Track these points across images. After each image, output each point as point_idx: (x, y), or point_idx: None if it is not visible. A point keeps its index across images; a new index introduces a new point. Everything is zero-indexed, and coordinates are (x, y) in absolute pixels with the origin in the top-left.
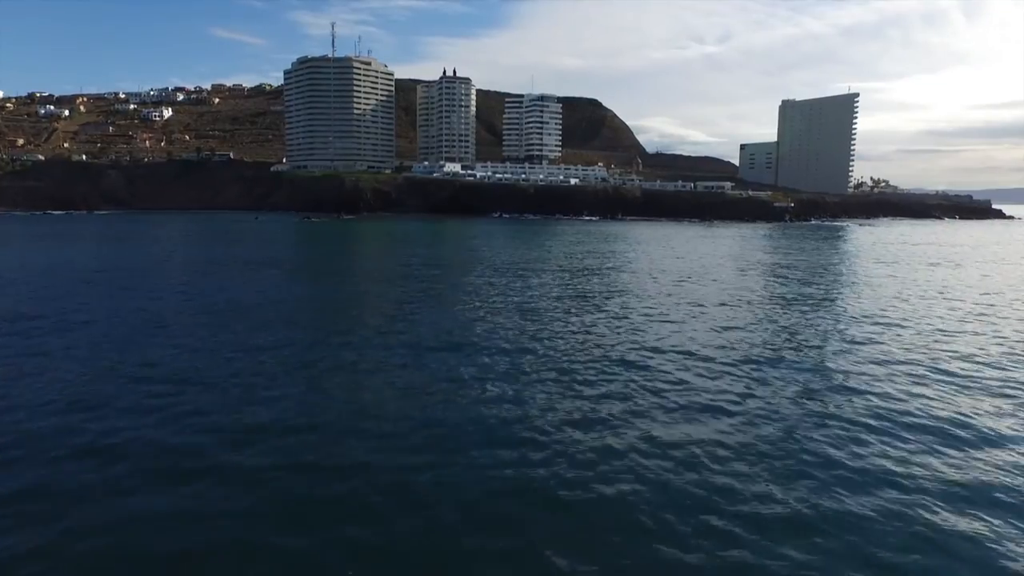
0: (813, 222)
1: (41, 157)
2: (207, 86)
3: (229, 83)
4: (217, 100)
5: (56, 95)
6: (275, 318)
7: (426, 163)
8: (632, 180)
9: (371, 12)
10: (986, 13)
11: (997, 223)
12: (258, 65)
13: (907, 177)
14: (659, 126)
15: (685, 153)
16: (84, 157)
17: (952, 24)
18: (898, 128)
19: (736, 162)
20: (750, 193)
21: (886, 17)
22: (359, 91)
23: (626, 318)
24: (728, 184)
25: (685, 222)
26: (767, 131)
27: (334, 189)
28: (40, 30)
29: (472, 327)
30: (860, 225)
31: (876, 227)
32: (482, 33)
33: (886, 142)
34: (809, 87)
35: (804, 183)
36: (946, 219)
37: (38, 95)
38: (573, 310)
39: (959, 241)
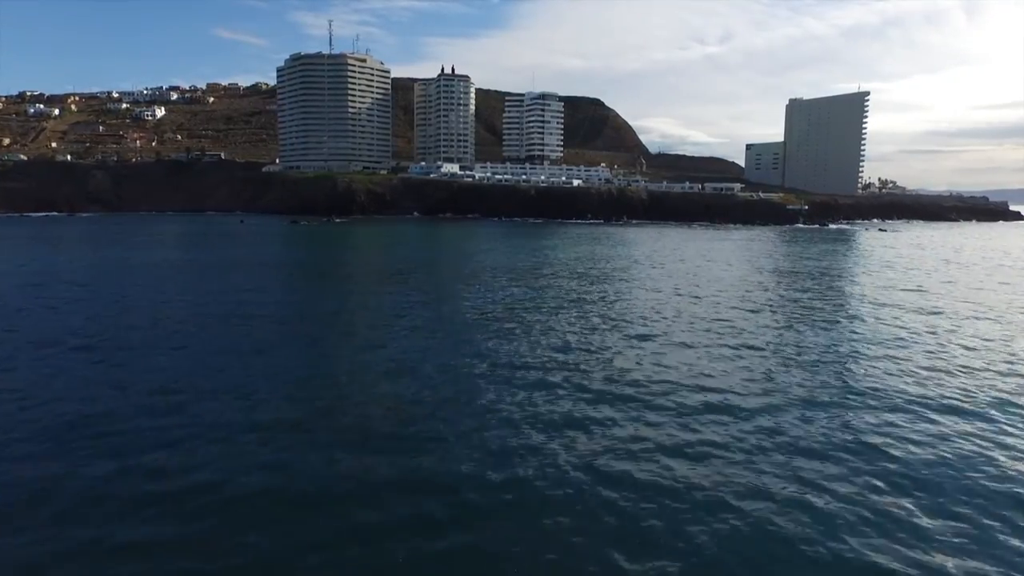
0: (832, 227)
1: (24, 157)
2: (202, 85)
3: (225, 82)
4: (212, 99)
5: (47, 94)
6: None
7: (423, 163)
8: (637, 181)
9: (372, 13)
10: (987, 13)
11: (1019, 225)
12: (260, 66)
13: (909, 178)
14: (660, 126)
15: (688, 153)
16: (69, 157)
17: (953, 24)
18: (900, 129)
19: (739, 162)
20: (761, 195)
21: (887, 18)
22: (354, 89)
23: (660, 353)
24: (738, 186)
25: (695, 225)
26: (769, 131)
27: (326, 191)
28: (43, 31)
29: (470, 362)
30: (880, 230)
31: (899, 232)
32: (483, 34)
33: (887, 142)
34: (811, 87)
35: (812, 184)
36: (962, 221)
37: (28, 94)
38: (591, 340)
39: (1004, 246)
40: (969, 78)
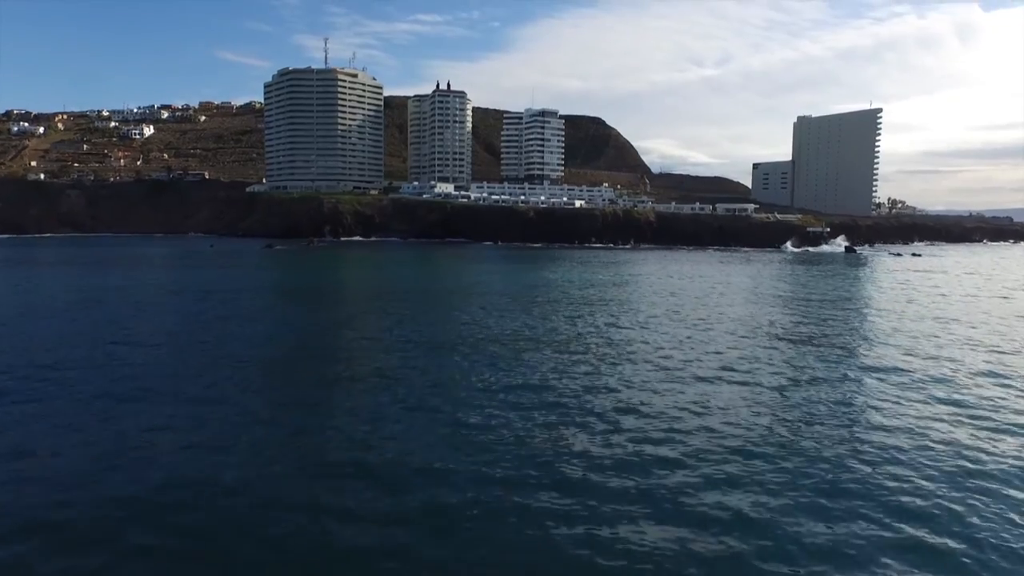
0: (865, 251)
1: None
2: (195, 103)
3: (218, 101)
4: (203, 118)
5: (35, 112)
6: None
7: (415, 183)
8: (643, 202)
9: (375, 36)
10: (980, 38)
11: None
12: (261, 87)
13: (907, 197)
14: (660, 147)
15: (689, 174)
16: (42, 176)
17: (947, 48)
18: (897, 149)
19: (742, 182)
20: (777, 216)
21: (882, 41)
22: (344, 105)
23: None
24: (751, 206)
25: (709, 249)
26: (768, 152)
27: (310, 212)
28: (45, 51)
29: None
30: (914, 255)
31: (936, 256)
32: (483, 56)
33: (887, 163)
34: (809, 108)
35: (823, 204)
36: (986, 242)
37: (15, 112)
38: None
39: None
40: (965, 100)
